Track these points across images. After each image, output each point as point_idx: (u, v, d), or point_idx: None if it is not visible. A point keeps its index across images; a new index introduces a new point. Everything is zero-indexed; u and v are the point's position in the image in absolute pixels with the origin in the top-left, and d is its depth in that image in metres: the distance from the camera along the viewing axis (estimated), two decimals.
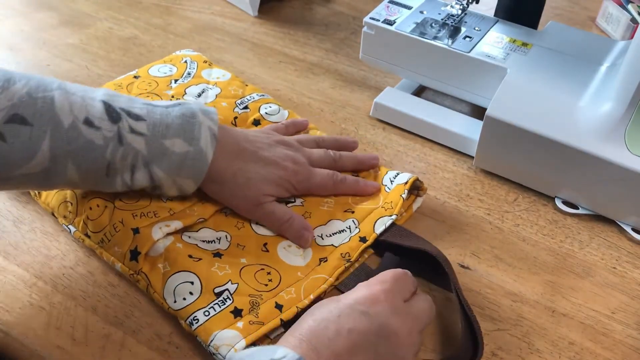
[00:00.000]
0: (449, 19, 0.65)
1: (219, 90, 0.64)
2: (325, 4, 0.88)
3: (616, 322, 0.48)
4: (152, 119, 0.46)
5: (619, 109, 0.52)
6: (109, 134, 0.45)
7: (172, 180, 0.47)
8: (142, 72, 0.65)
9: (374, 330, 0.38)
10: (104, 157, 0.45)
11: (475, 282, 0.51)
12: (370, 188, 0.55)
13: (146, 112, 0.46)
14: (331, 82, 0.73)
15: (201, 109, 0.48)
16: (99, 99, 0.46)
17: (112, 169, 0.45)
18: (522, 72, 0.58)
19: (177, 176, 0.47)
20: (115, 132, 0.45)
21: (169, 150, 0.46)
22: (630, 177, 0.52)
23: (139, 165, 0.46)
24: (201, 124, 0.47)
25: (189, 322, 0.43)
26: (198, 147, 0.46)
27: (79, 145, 0.44)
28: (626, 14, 0.80)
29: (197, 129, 0.47)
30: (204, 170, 0.47)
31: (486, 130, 0.57)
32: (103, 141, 0.44)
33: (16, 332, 0.45)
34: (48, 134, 0.43)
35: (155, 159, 0.46)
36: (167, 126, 0.46)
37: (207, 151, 0.47)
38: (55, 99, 0.44)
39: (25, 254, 0.50)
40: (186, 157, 0.46)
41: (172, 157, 0.46)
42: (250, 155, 0.50)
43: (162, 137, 0.46)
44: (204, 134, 0.47)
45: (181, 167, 0.46)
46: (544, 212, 0.58)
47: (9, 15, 0.82)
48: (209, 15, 0.85)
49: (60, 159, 0.44)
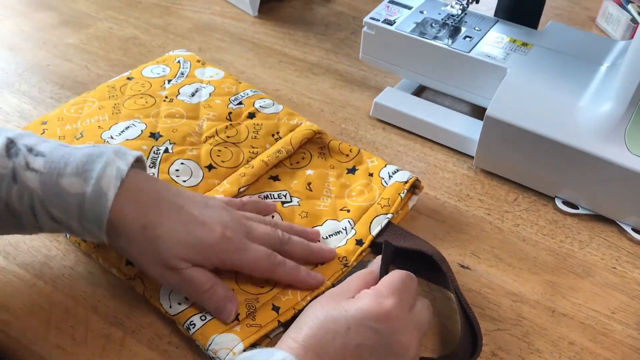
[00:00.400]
0: (449, 19, 0.65)
1: (212, 88, 0.64)
2: (325, 4, 0.88)
3: (616, 322, 0.48)
4: (52, 157, 0.41)
5: (619, 109, 0.52)
6: (3, 171, 0.41)
7: (78, 225, 0.41)
8: (135, 74, 0.65)
9: (383, 346, 0.38)
10: (0, 196, 0.41)
11: (475, 282, 0.51)
12: (311, 280, 0.46)
13: (50, 150, 0.42)
14: (331, 82, 0.73)
15: (117, 150, 0.42)
16: (5, 135, 0.42)
17: (13, 209, 0.41)
18: (522, 72, 0.58)
19: (78, 220, 0.41)
20: (10, 169, 0.41)
21: (65, 191, 0.40)
22: (630, 177, 0.52)
23: (37, 207, 0.41)
24: (107, 163, 0.41)
25: (186, 326, 0.43)
26: (97, 188, 0.40)
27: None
28: (626, 14, 0.80)
29: (100, 168, 0.40)
30: (104, 214, 0.40)
31: (486, 130, 0.57)
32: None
33: (16, 332, 0.45)
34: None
35: (50, 201, 0.41)
36: (66, 164, 0.41)
37: (108, 193, 0.40)
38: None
39: (25, 254, 0.50)
40: (84, 200, 0.40)
41: (68, 199, 0.40)
42: (170, 208, 0.43)
43: (59, 175, 0.40)
44: (108, 174, 0.40)
45: (81, 211, 0.40)
46: (544, 212, 0.58)
47: (9, 15, 0.82)
48: (209, 15, 0.85)
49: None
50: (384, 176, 0.56)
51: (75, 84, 0.70)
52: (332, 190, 0.56)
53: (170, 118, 0.58)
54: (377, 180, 0.56)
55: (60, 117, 0.59)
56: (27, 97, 0.68)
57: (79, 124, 0.57)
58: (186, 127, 0.57)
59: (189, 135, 0.57)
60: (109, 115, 0.58)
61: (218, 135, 0.58)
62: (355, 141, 0.64)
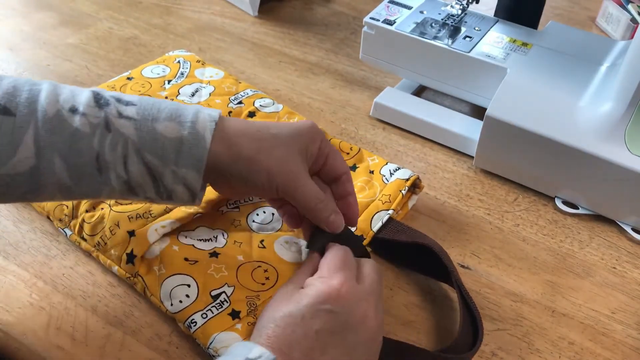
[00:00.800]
0: (449, 19, 0.65)
1: (212, 88, 0.64)
2: (325, 4, 0.89)
3: (616, 322, 0.48)
4: (143, 104, 0.42)
5: (619, 109, 0.52)
6: (95, 120, 0.40)
7: (171, 172, 0.41)
8: (135, 74, 0.65)
9: (342, 324, 0.38)
10: (92, 147, 0.40)
11: (475, 282, 0.51)
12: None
13: (138, 99, 0.42)
14: (331, 82, 0.73)
15: (200, 108, 0.43)
16: (88, 90, 0.42)
17: (103, 161, 0.40)
18: (522, 72, 0.58)
19: (175, 166, 0.41)
20: (102, 118, 0.40)
21: (162, 135, 0.40)
22: (630, 177, 0.52)
23: (131, 154, 0.40)
24: (198, 111, 0.42)
25: (187, 325, 0.43)
26: (194, 130, 0.41)
27: (64, 135, 0.39)
28: (626, 14, 0.80)
29: (192, 114, 0.41)
30: (204, 156, 0.41)
31: (486, 130, 0.57)
32: (89, 128, 0.40)
33: (16, 332, 0.45)
34: (32, 125, 0.39)
35: (147, 146, 0.40)
36: (159, 110, 0.41)
37: (206, 135, 0.41)
38: (42, 91, 0.40)
39: (25, 254, 0.50)
40: (182, 142, 0.40)
41: (166, 143, 0.40)
42: (266, 135, 0.43)
43: (154, 120, 0.41)
44: (202, 118, 0.41)
45: (178, 154, 0.40)
46: (544, 212, 0.58)
47: (9, 15, 0.82)
48: (209, 15, 0.85)
49: (46, 152, 0.39)
50: (385, 173, 0.56)
51: (75, 84, 0.70)
52: None
53: None
54: (378, 177, 0.56)
55: None
56: None
57: None
58: None
59: None
60: None
61: None
62: (355, 141, 0.64)
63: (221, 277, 0.46)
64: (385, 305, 0.48)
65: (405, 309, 0.48)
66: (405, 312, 0.48)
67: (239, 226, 0.51)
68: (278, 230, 0.51)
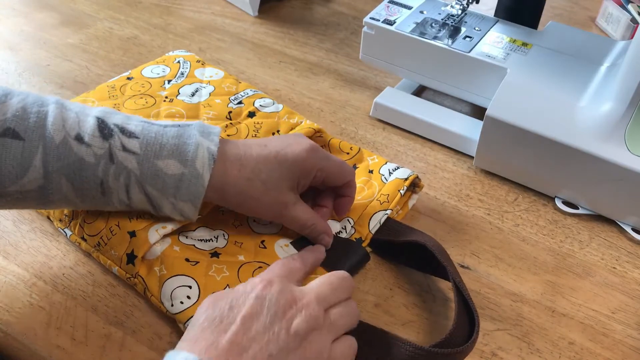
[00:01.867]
0: (449, 19, 0.65)
1: (212, 88, 0.64)
2: (325, 4, 0.89)
3: (616, 322, 0.48)
4: (146, 138, 0.44)
5: (619, 109, 0.52)
6: (99, 152, 0.43)
7: (170, 203, 0.45)
8: (135, 74, 0.65)
9: (266, 310, 0.38)
10: (96, 175, 0.43)
11: (475, 282, 0.51)
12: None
13: (141, 130, 0.44)
14: (331, 82, 0.73)
15: (201, 130, 0.46)
16: (93, 115, 0.44)
17: (107, 187, 0.44)
18: (522, 72, 0.58)
19: (174, 199, 0.44)
20: (107, 150, 0.43)
21: (162, 172, 0.44)
22: (630, 177, 0.52)
23: (132, 185, 0.44)
24: (198, 145, 0.44)
25: (187, 325, 0.43)
26: (193, 169, 0.44)
27: (70, 162, 0.43)
28: (626, 14, 0.80)
29: (192, 150, 0.44)
30: (201, 193, 0.44)
31: (486, 130, 0.57)
32: (94, 159, 0.43)
33: (16, 332, 0.45)
34: (40, 150, 0.42)
35: (148, 180, 0.44)
36: (161, 146, 0.44)
37: (204, 173, 0.44)
38: (49, 114, 0.43)
39: (25, 254, 0.50)
40: (181, 179, 0.44)
41: (166, 179, 0.44)
42: (254, 160, 0.46)
43: (155, 157, 0.44)
44: (201, 155, 0.44)
45: (177, 190, 0.44)
46: (544, 212, 0.58)
47: (9, 15, 0.82)
48: (209, 15, 0.85)
49: (53, 175, 0.43)
50: (384, 173, 0.56)
51: (75, 84, 0.70)
52: None
53: (171, 118, 0.58)
54: (377, 177, 0.56)
55: None
56: None
57: None
58: None
59: None
60: None
61: None
62: (355, 141, 0.64)
63: (223, 279, 0.46)
64: (385, 305, 0.48)
65: (405, 309, 0.48)
66: (405, 312, 0.48)
67: (240, 226, 0.51)
68: (279, 231, 0.51)
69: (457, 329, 0.43)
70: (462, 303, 0.45)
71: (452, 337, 0.42)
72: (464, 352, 0.42)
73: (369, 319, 0.47)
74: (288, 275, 0.43)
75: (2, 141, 0.42)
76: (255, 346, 0.36)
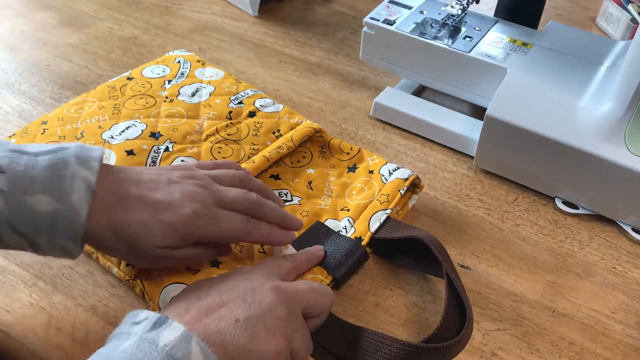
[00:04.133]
0: (449, 19, 0.65)
1: (212, 88, 0.64)
2: (325, 4, 0.89)
3: (616, 322, 0.48)
4: (13, 172, 0.38)
5: (619, 109, 0.52)
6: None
7: (47, 240, 0.39)
8: (135, 74, 0.65)
9: (243, 285, 0.40)
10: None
11: (475, 282, 0.51)
12: (283, 237, 0.48)
13: (8, 162, 0.39)
14: (331, 82, 0.73)
15: (77, 155, 0.40)
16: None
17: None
18: (522, 72, 0.58)
19: (50, 236, 0.39)
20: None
21: (33, 209, 0.38)
22: (630, 177, 0.52)
23: (3, 226, 0.38)
24: (74, 175, 0.39)
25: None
26: (69, 205, 0.38)
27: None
28: (626, 14, 0.80)
29: (67, 183, 0.39)
30: (79, 230, 0.39)
31: (486, 130, 0.57)
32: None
33: (16, 332, 0.45)
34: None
35: (18, 219, 0.38)
36: (31, 180, 0.38)
37: (81, 208, 0.39)
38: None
39: (25, 254, 0.50)
40: (55, 217, 0.38)
41: (38, 217, 0.38)
42: (136, 203, 0.41)
43: (24, 193, 0.38)
44: (77, 188, 0.39)
45: (52, 228, 0.39)
46: (544, 212, 0.58)
47: (9, 15, 0.82)
48: (209, 15, 0.85)
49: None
50: (384, 173, 0.56)
51: (75, 84, 0.70)
52: (333, 189, 0.56)
53: (171, 118, 0.58)
54: (377, 177, 0.56)
55: (61, 117, 0.59)
56: (27, 97, 0.68)
57: (79, 124, 0.57)
58: (186, 126, 0.58)
59: (190, 134, 0.57)
60: (109, 116, 0.58)
61: (219, 134, 0.58)
62: (355, 141, 0.64)
63: None
64: (385, 305, 0.48)
65: (405, 309, 0.48)
66: (405, 312, 0.48)
67: None
68: None
69: (445, 323, 0.43)
70: (454, 298, 0.45)
71: (440, 332, 0.42)
72: (454, 346, 0.42)
73: (369, 319, 0.47)
74: (276, 272, 0.44)
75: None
76: (224, 310, 0.37)
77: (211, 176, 0.46)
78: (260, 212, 0.46)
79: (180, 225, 0.42)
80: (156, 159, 0.54)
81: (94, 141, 0.55)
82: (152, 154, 0.54)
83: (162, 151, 0.55)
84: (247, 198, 0.46)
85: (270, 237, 0.47)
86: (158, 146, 0.55)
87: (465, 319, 0.43)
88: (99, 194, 0.40)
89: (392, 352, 0.41)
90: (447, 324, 0.43)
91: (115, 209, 0.41)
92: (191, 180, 0.44)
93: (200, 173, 0.46)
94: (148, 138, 0.55)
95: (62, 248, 0.40)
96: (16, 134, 0.58)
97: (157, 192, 0.42)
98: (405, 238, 0.49)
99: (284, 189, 0.56)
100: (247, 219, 0.45)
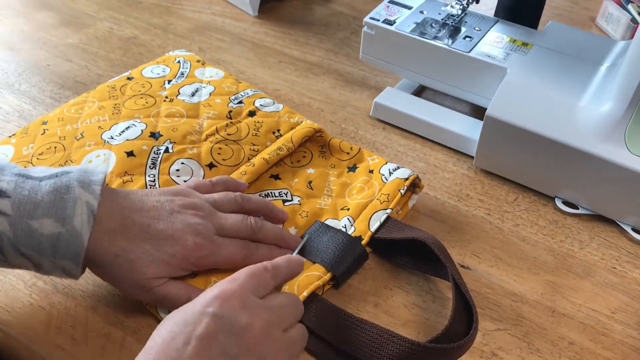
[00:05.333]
0: (449, 19, 0.65)
1: (212, 88, 0.64)
2: (325, 4, 0.89)
3: (616, 322, 0.48)
4: (18, 196, 0.40)
5: (619, 109, 0.52)
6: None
7: (50, 262, 0.41)
8: (135, 74, 0.65)
9: (223, 330, 0.36)
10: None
11: (475, 282, 0.51)
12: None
13: (13, 187, 0.40)
14: (331, 82, 0.73)
15: (80, 179, 0.42)
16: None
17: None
18: (522, 72, 0.58)
19: (52, 258, 0.41)
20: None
21: (37, 232, 0.40)
22: (630, 177, 0.52)
23: (6, 247, 0.40)
24: (77, 199, 0.40)
25: None
26: (71, 228, 0.40)
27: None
28: (626, 14, 0.80)
29: (70, 207, 0.40)
30: (81, 252, 0.41)
31: (486, 130, 0.57)
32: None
33: (16, 332, 0.45)
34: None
35: (22, 242, 0.40)
36: (35, 205, 0.40)
37: (83, 231, 0.40)
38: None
39: None
40: (58, 239, 0.40)
41: (41, 240, 0.40)
42: (139, 231, 0.43)
43: (29, 217, 0.40)
44: (79, 212, 0.40)
45: (55, 250, 0.40)
46: (544, 212, 0.58)
47: (9, 15, 0.82)
48: (209, 15, 0.85)
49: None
50: (385, 173, 0.56)
51: (75, 84, 0.70)
52: (333, 189, 0.56)
53: (171, 117, 0.58)
54: (378, 177, 0.56)
55: (61, 117, 0.59)
56: (27, 97, 0.68)
57: (79, 124, 0.57)
58: (186, 125, 0.58)
59: (190, 134, 0.57)
60: (109, 116, 0.58)
61: (218, 133, 0.58)
62: (355, 141, 0.64)
63: None
64: (385, 305, 0.48)
65: (405, 309, 0.48)
66: (405, 312, 0.48)
67: None
68: None
69: (453, 324, 0.43)
70: (460, 299, 0.45)
71: (448, 332, 0.42)
72: (461, 348, 0.42)
73: (368, 319, 0.47)
74: (254, 288, 0.40)
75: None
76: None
77: (210, 202, 0.48)
78: (259, 236, 0.48)
79: (181, 256, 0.44)
80: (156, 160, 0.54)
81: (94, 142, 0.55)
82: (152, 155, 0.54)
83: (162, 152, 0.55)
84: (246, 224, 0.47)
85: (270, 258, 0.45)
86: (158, 147, 0.55)
87: (471, 320, 0.43)
88: (102, 219, 0.42)
89: (401, 351, 0.41)
90: (455, 324, 0.43)
91: (117, 235, 0.42)
92: (192, 211, 0.46)
93: (201, 201, 0.47)
94: (148, 138, 0.55)
95: (65, 269, 0.41)
96: (16, 134, 0.58)
97: (160, 222, 0.44)
98: (407, 239, 0.49)
99: (284, 188, 0.56)
100: (246, 244, 0.47)
